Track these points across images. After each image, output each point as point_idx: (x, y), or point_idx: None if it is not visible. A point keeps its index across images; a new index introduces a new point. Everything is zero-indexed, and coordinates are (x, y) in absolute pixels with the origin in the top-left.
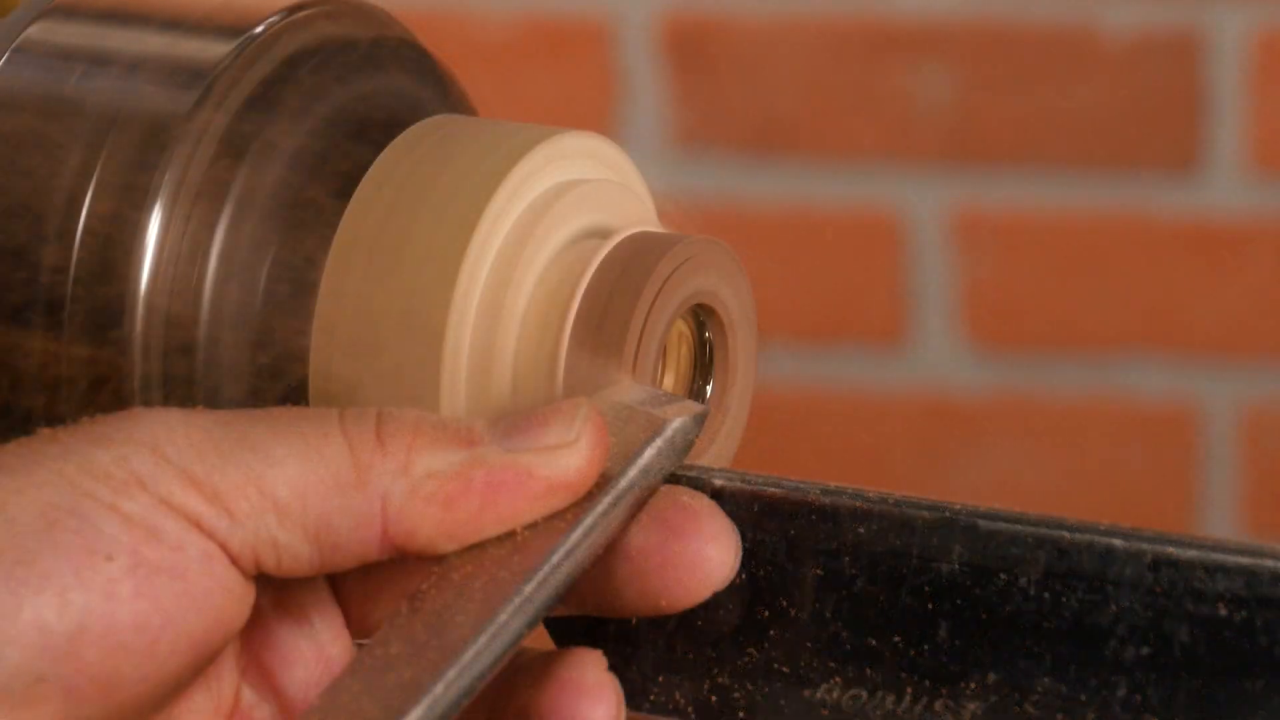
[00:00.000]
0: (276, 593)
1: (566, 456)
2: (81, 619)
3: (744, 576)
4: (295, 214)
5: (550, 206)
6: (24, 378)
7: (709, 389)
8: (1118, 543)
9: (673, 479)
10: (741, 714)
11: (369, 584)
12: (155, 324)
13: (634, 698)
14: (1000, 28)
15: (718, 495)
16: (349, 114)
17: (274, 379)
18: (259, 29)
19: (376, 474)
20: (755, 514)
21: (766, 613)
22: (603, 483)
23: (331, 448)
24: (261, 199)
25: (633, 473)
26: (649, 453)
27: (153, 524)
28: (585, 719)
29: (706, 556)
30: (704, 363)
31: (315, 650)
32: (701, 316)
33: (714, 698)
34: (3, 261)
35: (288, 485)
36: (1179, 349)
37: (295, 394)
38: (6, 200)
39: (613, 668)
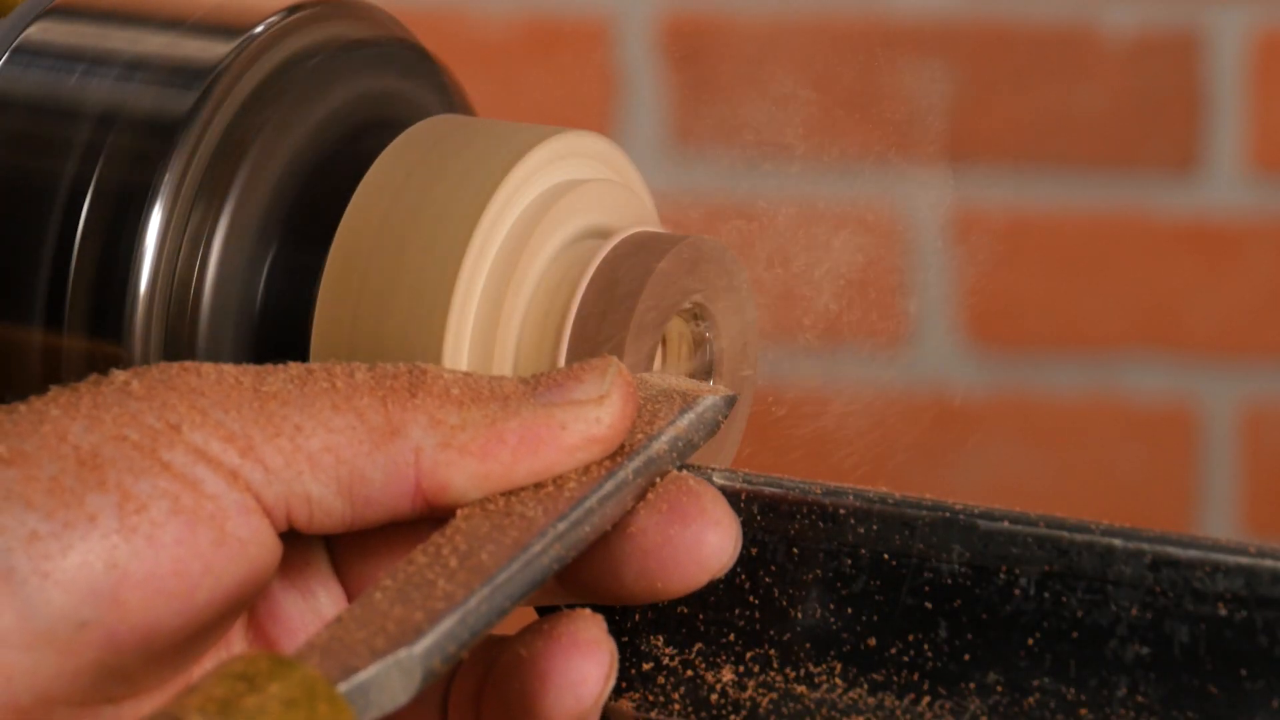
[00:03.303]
0: (282, 565)
1: (598, 410)
2: (126, 563)
3: (744, 576)
4: (295, 213)
5: (550, 206)
6: (26, 374)
7: None
8: (1118, 543)
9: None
10: (742, 714)
11: (367, 561)
12: (155, 321)
13: (633, 699)
14: (1000, 28)
15: None
16: (349, 114)
17: None
18: (259, 29)
19: (409, 426)
20: (755, 514)
21: (767, 613)
22: (634, 446)
23: (363, 400)
24: (261, 198)
25: (666, 437)
26: (683, 421)
27: (192, 473)
28: (577, 672)
29: (706, 541)
30: (704, 362)
31: (319, 624)
32: (701, 316)
33: (714, 697)
34: (4, 260)
35: (320, 438)
36: (1179, 349)
37: None
38: (7, 199)
39: None
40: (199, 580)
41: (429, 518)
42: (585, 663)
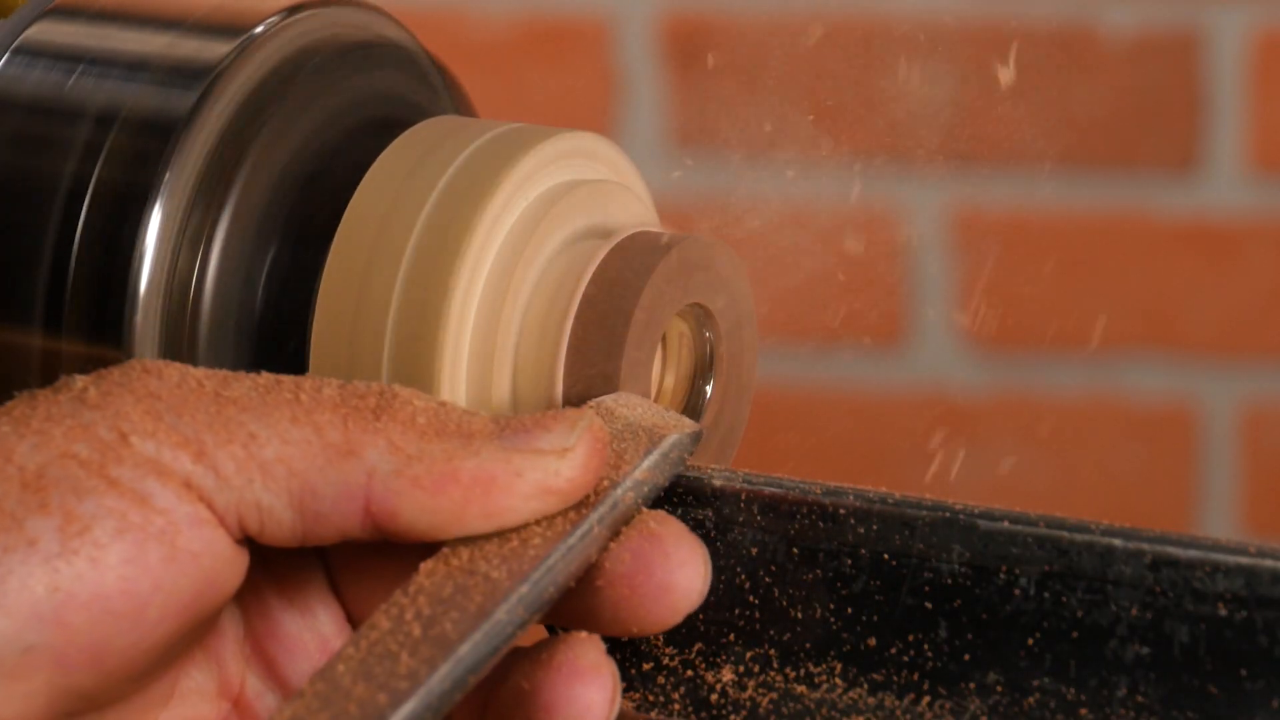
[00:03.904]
0: (280, 583)
1: (558, 463)
2: (68, 586)
3: (744, 576)
4: (295, 213)
5: (550, 206)
6: (25, 375)
7: (709, 389)
8: (1118, 543)
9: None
10: (742, 714)
11: (364, 580)
12: (155, 322)
13: (633, 699)
14: (1000, 28)
15: (718, 495)
16: (349, 114)
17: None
18: (259, 29)
19: (367, 448)
20: (755, 514)
21: (767, 613)
22: (600, 493)
23: (325, 415)
24: (262, 198)
25: (630, 484)
26: (644, 465)
27: (141, 489)
28: (580, 701)
29: (674, 584)
30: (704, 362)
31: (319, 642)
32: (701, 316)
33: (714, 697)
34: (3, 260)
35: (274, 448)
36: (1179, 349)
37: None
38: (7, 199)
39: None
40: (149, 598)
41: (416, 545)
42: (588, 690)
